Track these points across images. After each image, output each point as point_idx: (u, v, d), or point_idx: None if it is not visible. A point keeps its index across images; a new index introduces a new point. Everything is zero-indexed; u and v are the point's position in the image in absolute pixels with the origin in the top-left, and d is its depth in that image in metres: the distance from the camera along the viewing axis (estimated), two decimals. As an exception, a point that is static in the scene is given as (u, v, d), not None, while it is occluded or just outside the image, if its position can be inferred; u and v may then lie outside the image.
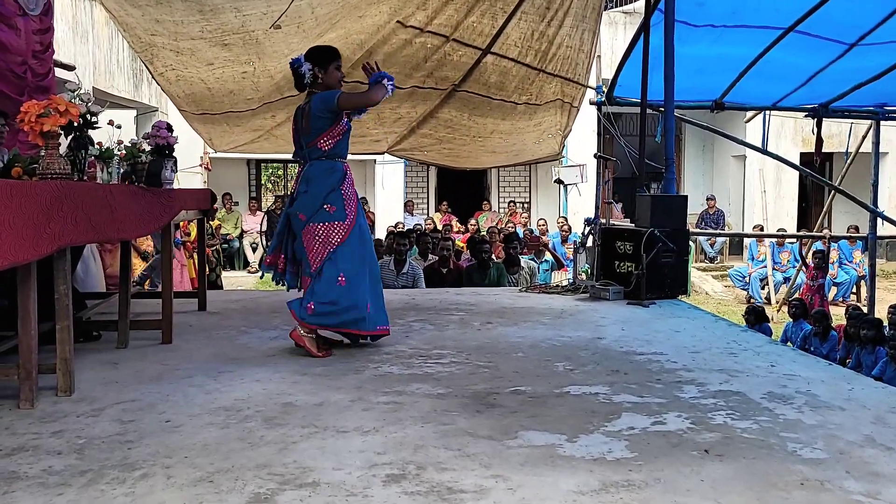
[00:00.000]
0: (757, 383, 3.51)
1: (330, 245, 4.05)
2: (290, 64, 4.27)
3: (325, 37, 7.30)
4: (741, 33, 7.23)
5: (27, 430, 2.74)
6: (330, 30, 7.19)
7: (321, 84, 4.21)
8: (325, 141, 4.13)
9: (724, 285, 14.60)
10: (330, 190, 4.10)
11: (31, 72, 5.26)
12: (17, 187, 2.57)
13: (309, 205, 4.10)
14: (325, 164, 4.15)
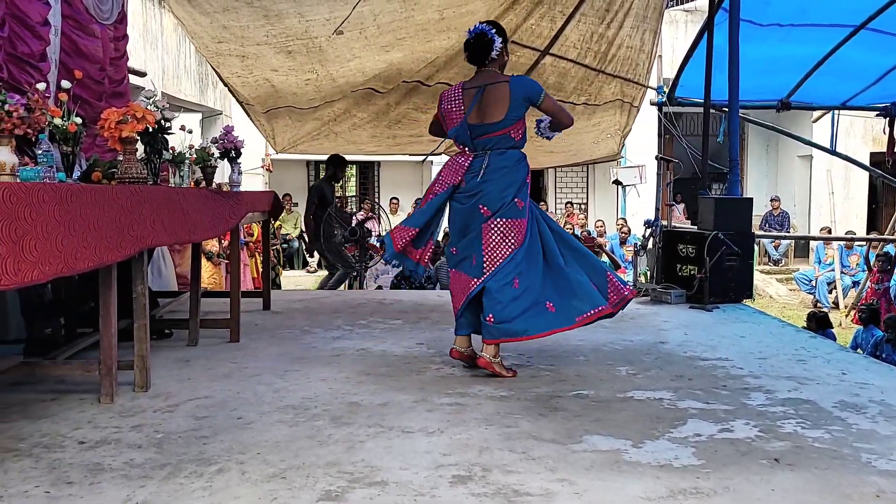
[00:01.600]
0: (828, 391, 3.44)
1: (513, 244, 3.66)
2: (478, 31, 3.70)
3: (391, 53, 7.42)
4: (809, 32, 7.06)
5: (108, 423, 2.86)
6: (397, 46, 7.30)
7: (497, 62, 3.76)
8: (517, 130, 3.71)
9: (789, 289, 14.25)
10: (522, 184, 3.72)
11: (109, 78, 5.46)
12: (100, 191, 2.68)
13: (497, 198, 3.66)
14: (516, 154, 3.74)
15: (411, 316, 5.48)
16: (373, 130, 9.54)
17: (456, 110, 3.74)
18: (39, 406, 3.07)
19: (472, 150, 3.76)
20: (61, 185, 2.45)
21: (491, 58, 3.71)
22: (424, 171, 17.77)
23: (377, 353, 4.21)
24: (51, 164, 2.93)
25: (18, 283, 2.04)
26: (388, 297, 6.67)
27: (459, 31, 7.39)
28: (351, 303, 6.16)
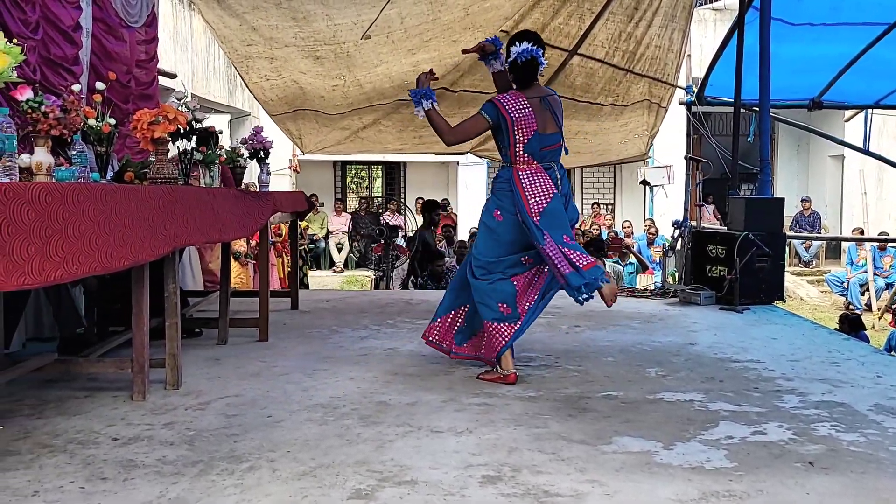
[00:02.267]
0: (862, 394, 3.38)
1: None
2: (528, 55, 3.60)
3: (417, 55, 7.42)
4: (842, 31, 6.97)
5: (141, 420, 2.89)
6: (422, 48, 7.30)
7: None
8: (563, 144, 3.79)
9: (821, 291, 14.03)
10: None
11: (135, 80, 5.53)
12: (133, 191, 2.71)
13: (573, 210, 3.82)
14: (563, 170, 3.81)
15: (438, 316, 5.48)
16: (399, 134, 9.56)
17: (527, 119, 3.60)
18: (74, 403, 3.11)
19: (539, 161, 3.65)
20: (96, 185, 2.49)
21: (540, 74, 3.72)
22: (450, 172, 17.79)
23: (405, 353, 4.21)
24: (85, 165, 2.97)
25: (42, 283, 2.07)
26: (415, 297, 6.69)
27: (485, 30, 7.37)
28: (378, 303, 6.18)
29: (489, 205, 3.75)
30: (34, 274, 2.06)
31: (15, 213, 1.95)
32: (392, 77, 7.86)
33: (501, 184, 3.69)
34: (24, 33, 3.90)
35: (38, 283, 2.11)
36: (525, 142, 3.60)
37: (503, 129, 3.63)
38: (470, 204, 17.01)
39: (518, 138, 3.60)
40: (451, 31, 7.21)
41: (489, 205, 3.75)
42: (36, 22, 4.16)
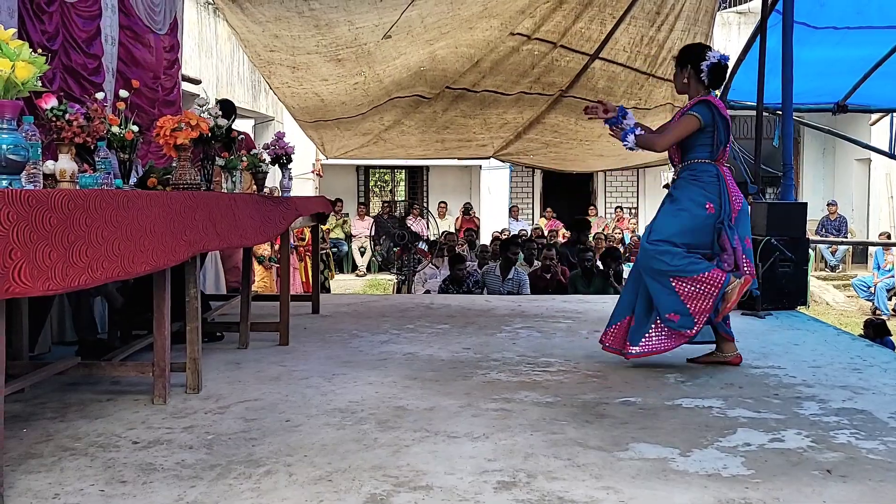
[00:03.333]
0: (884, 402, 3.34)
1: None
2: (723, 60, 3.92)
3: (434, 45, 7.44)
4: (866, 34, 6.90)
5: (161, 424, 2.93)
6: (440, 38, 7.32)
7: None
8: None
9: (847, 295, 13.86)
10: None
11: (161, 86, 5.61)
12: (154, 197, 2.76)
13: None
14: None
15: (459, 320, 5.49)
16: (421, 136, 9.61)
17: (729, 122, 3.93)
18: (96, 406, 3.16)
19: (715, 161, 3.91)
20: (118, 192, 2.53)
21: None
22: (473, 176, 17.80)
23: (424, 358, 4.23)
24: (109, 171, 3.03)
25: (66, 288, 2.11)
26: (436, 301, 6.70)
27: (501, 18, 7.35)
28: (399, 307, 6.20)
29: (695, 195, 3.84)
30: (58, 279, 2.11)
31: (37, 220, 1.99)
32: (410, 66, 7.89)
33: (710, 177, 3.85)
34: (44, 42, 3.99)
35: (63, 288, 2.15)
36: (728, 143, 3.92)
37: (718, 129, 3.84)
38: (492, 208, 17.03)
39: (725, 138, 3.88)
40: (468, 21, 7.22)
41: (695, 195, 3.84)
42: (55, 31, 4.24)
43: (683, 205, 3.86)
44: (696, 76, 3.91)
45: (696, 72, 3.89)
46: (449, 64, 7.87)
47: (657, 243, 3.86)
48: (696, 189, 3.85)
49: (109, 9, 4.97)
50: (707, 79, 3.88)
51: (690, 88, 3.96)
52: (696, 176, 3.88)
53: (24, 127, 2.33)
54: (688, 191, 3.88)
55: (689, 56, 3.95)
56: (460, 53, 7.67)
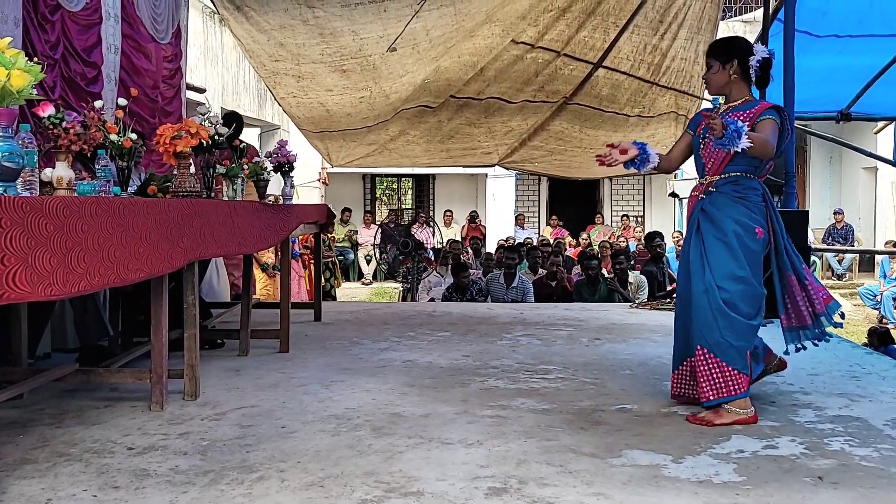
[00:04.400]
0: (880, 409, 3.34)
1: None
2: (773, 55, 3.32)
3: (440, 60, 7.49)
4: (869, 42, 6.89)
5: (157, 430, 2.95)
6: (445, 53, 7.37)
7: None
8: None
9: (854, 304, 13.78)
10: None
11: (161, 95, 5.66)
12: (151, 205, 2.79)
13: None
14: None
15: (460, 328, 5.51)
16: (426, 146, 9.64)
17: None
18: (93, 412, 3.18)
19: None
20: (114, 199, 2.56)
21: None
22: (479, 185, 17.83)
23: (423, 365, 4.24)
24: (109, 179, 3.06)
25: (66, 293, 2.14)
26: (439, 309, 6.72)
27: (502, 25, 7.36)
28: (401, 314, 6.22)
29: (743, 217, 3.18)
30: (59, 284, 2.14)
31: (33, 226, 2.02)
32: (415, 83, 7.94)
33: (756, 196, 3.23)
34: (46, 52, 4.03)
35: (64, 294, 2.18)
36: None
37: (782, 141, 3.27)
38: (498, 216, 17.04)
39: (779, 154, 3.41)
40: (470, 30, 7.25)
41: (743, 217, 3.18)
42: (56, 40, 4.29)
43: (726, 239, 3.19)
44: (743, 73, 3.28)
45: (743, 68, 3.27)
46: (452, 73, 7.91)
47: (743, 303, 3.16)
48: (739, 209, 3.20)
49: (112, 18, 5.03)
50: (755, 76, 3.29)
51: (733, 88, 3.32)
52: (740, 192, 3.23)
53: (21, 134, 2.36)
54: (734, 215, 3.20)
55: (736, 50, 3.31)
56: (463, 62, 7.70)
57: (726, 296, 3.12)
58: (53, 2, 4.39)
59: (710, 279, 3.16)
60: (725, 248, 3.17)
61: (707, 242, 3.22)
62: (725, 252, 3.16)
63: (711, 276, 3.16)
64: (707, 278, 3.17)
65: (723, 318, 3.12)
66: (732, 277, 3.14)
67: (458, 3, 6.57)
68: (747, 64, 3.28)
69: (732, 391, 3.11)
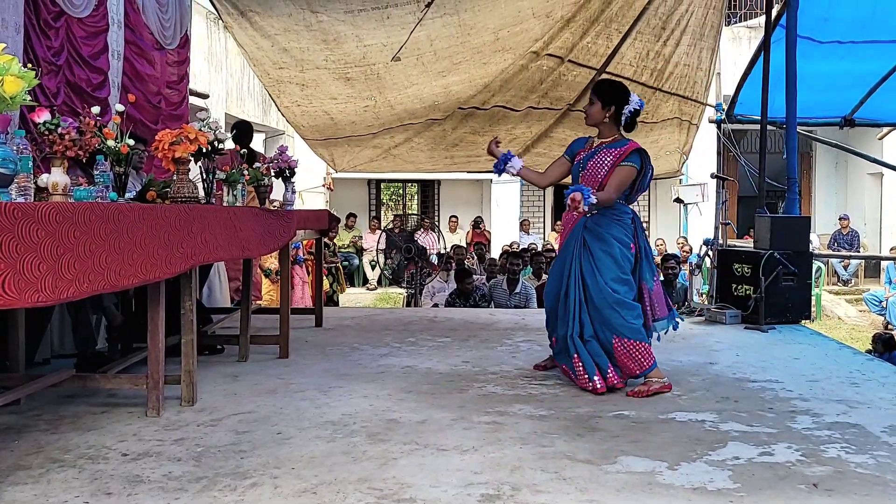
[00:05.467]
0: (878, 416, 3.33)
1: None
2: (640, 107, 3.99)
3: (448, 78, 7.53)
4: (871, 48, 6.89)
5: (152, 436, 2.96)
6: (453, 71, 7.39)
7: None
8: None
9: (859, 310, 13.74)
10: None
11: (165, 101, 5.68)
12: (147, 210, 2.79)
13: None
14: None
15: (461, 334, 5.50)
16: (430, 153, 9.67)
17: None
18: (89, 418, 3.19)
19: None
20: (108, 205, 2.57)
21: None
22: (484, 190, 17.82)
23: (422, 371, 4.24)
24: (107, 184, 3.08)
25: (55, 300, 2.14)
26: (440, 314, 6.71)
27: (515, 52, 7.44)
28: (403, 320, 6.22)
29: (621, 235, 3.92)
30: (48, 291, 2.14)
31: (23, 232, 2.03)
32: (423, 98, 7.97)
33: (628, 218, 3.98)
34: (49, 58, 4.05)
35: (52, 300, 2.18)
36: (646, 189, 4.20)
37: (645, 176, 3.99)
38: (502, 222, 17.03)
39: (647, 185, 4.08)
40: (482, 53, 7.30)
41: (621, 235, 3.92)
42: (60, 46, 4.32)
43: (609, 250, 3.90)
44: (616, 117, 3.95)
45: (617, 113, 3.93)
46: (462, 91, 7.97)
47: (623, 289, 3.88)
48: (617, 229, 3.92)
49: (116, 24, 5.05)
50: (625, 121, 3.96)
51: (606, 127, 3.98)
52: (617, 216, 3.94)
53: (15, 140, 2.37)
54: (614, 232, 3.92)
55: (617, 97, 3.95)
56: (474, 84, 7.77)
57: (618, 294, 3.84)
58: (56, 8, 4.42)
59: (602, 283, 3.85)
60: (611, 258, 3.88)
61: (595, 254, 3.91)
62: (612, 261, 3.88)
63: (603, 280, 3.86)
64: (600, 282, 3.86)
65: (621, 307, 3.82)
66: (619, 280, 3.87)
67: (461, 13, 6.59)
68: (622, 111, 3.94)
69: (648, 363, 3.81)
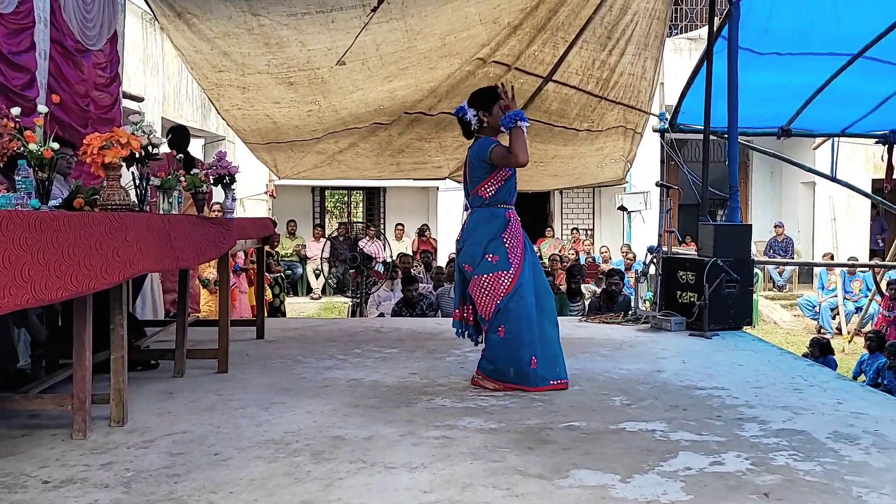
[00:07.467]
0: (822, 422, 3.36)
1: (496, 297, 3.91)
2: (455, 114, 4.16)
3: (394, 82, 7.43)
4: (808, 60, 7.06)
5: (77, 461, 2.77)
6: (399, 76, 7.30)
7: (487, 128, 4.08)
8: (486, 188, 4.02)
9: (794, 315, 14.12)
10: (490, 239, 3.97)
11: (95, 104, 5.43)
12: (73, 219, 2.62)
13: (471, 255, 4.00)
14: (485, 211, 4.04)
15: (408, 344, 5.40)
16: (376, 159, 9.56)
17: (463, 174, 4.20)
18: (8, 442, 2.97)
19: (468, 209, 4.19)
20: (29, 213, 2.40)
21: (473, 130, 4.10)
22: (430, 198, 17.76)
23: (368, 384, 4.12)
24: (30, 191, 2.89)
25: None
26: (387, 324, 6.60)
27: (462, 57, 7.39)
28: (348, 331, 6.08)
29: None
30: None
31: (-68, 245, 1.87)
32: (368, 103, 7.85)
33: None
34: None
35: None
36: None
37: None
38: (449, 229, 16.99)
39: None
40: (428, 59, 7.22)
41: None
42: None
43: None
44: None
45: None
46: (408, 96, 7.87)
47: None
48: None
49: (42, 21, 4.81)
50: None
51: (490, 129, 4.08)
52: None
53: (-77, 146, 2.20)
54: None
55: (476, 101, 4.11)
56: (420, 88, 7.69)
57: None
58: (-24, 5, 4.18)
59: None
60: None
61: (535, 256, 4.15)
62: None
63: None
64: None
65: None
66: None
67: (408, 18, 6.50)
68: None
69: None
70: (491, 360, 3.98)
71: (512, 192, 4.09)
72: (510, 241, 3.98)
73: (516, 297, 3.91)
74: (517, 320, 3.90)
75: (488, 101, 4.07)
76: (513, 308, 3.90)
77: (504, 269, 3.92)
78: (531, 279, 4.01)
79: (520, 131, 3.88)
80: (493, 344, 3.96)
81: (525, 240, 4.07)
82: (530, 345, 3.92)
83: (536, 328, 3.96)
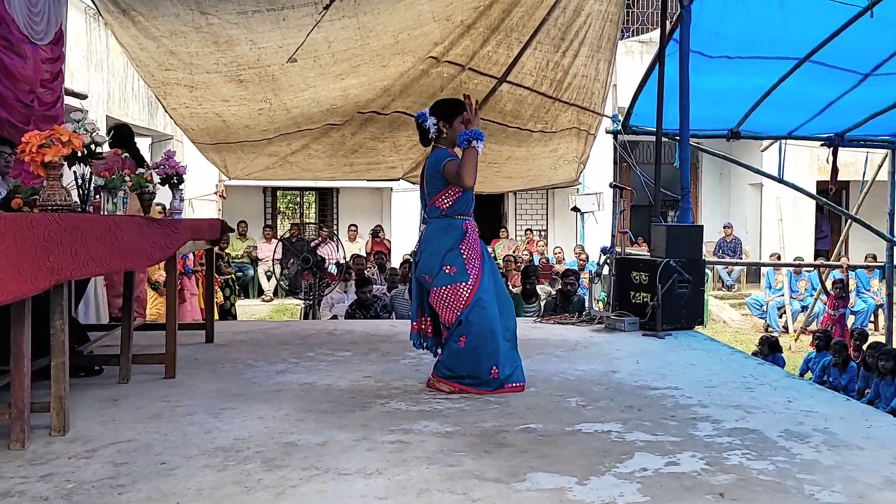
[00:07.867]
0: (773, 420, 3.40)
1: (457, 308, 3.88)
2: (416, 118, 4.10)
3: (346, 80, 7.33)
4: (757, 64, 7.19)
5: (15, 473, 2.64)
6: (351, 73, 7.21)
7: (446, 139, 4.04)
8: (442, 199, 4.00)
9: (742, 314, 14.40)
10: (447, 250, 3.93)
11: (39, 101, 5.24)
12: (11, 220, 2.51)
13: (429, 266, 3.96)
14: (442, 222, 4.00)
15: (362, 347, 5.33)
16: (329, 160, 9.44)
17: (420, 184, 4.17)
18: (-58, 454, 2.85)
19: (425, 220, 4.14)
20: (-38, 215, 2.28)
21: (431, 138, 4.06)
22: (384, 199, 17.66)
23: (321, 388, 4.04)
24: (-35, 192, 2.76)
25: None
26: (340, 327, 6.51)
27: (415, 55, 7.34)
28: (300, 334, 5.98)
29: None
30: None
31: None
32: (320, 101, 7.74)
33: None
34: None
35: None
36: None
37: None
38: (403, 230, 16.91)
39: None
40: (381, 56, 7.14)
41: None
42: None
43: None
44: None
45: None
46: (361, 95, 7.79)
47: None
48: None
49: (-17, 15, 4.63)
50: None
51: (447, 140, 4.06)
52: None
53: None
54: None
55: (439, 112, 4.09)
56: (373, 87, 7.61)
57: None
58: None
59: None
60: None
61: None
62: None
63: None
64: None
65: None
66: None
67: (360, 16, 6.42)
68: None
69: None
70: (449, 367, 3.94)
71: (469, 203, 4.06)
72: (467, 252, 3.95)
73: (477, 309, 3.88)
74: (479, 332, 3.88)
75: (450, 113, 4.03)
76: (474, 320, 3.87)
77: (462, 280, 3.89)
78: (492, 289, 3.99)
79: (473, 152, 3.86)
80: (454, 352, 3.92)
81: (483, 250, 4.04)
82: (492, 355, 3.89)
83: (500, 337, 3.93)
